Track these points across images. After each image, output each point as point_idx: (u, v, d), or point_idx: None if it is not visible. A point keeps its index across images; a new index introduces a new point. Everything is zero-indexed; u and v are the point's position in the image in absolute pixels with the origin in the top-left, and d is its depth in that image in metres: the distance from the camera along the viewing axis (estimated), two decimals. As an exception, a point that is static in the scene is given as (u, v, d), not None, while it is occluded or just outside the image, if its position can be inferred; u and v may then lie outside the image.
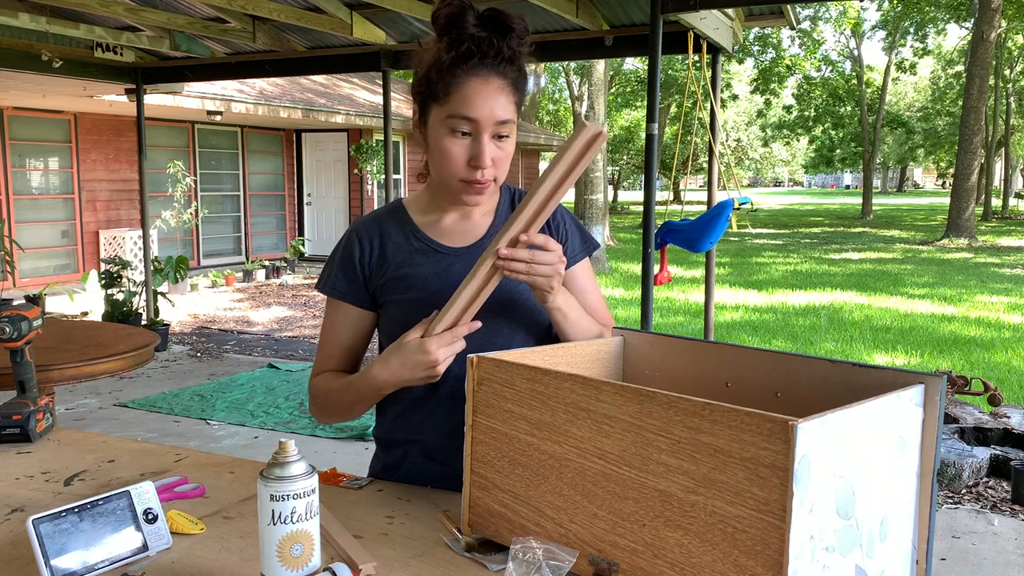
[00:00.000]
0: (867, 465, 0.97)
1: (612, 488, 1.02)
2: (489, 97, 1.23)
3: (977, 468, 3.93)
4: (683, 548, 0.94)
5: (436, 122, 1.27)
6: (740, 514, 0.89)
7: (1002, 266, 13.92)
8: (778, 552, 0.86)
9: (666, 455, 0.97)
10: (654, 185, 4.44)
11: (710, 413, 0.92)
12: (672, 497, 0.96)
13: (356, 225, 1.43)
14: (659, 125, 5.33)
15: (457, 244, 1.38)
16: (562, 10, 4.87)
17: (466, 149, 1.26)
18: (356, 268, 1.40)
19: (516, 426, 1.11)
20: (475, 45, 1.23)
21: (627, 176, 45.69)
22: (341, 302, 1.41)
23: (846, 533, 0.94)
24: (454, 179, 1.29)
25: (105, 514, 1.08)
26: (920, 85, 42.52)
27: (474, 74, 1.23)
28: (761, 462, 0.87)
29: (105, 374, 2.94)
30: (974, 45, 18.79)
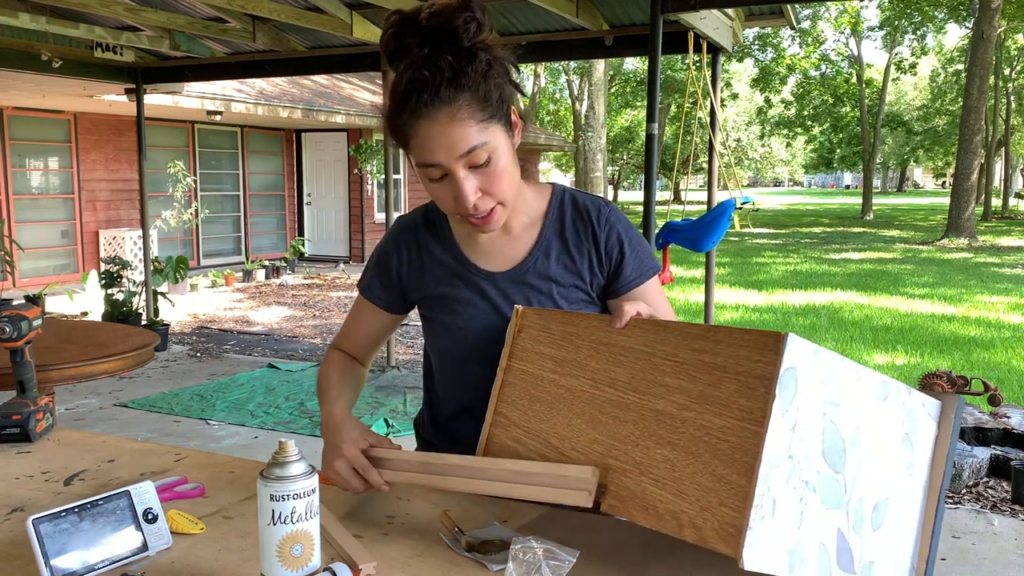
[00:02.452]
0: (864, 433, 1.00)
1: (615, 413, 1.09)
2: (441, 136, 1.12)
3: (977, 468, 3.93)
4: (668, 463, 0.99)
5: (414, 166, 1.20)
6: (725, 425, 0.94)
7: (1002, 266, 13.92)
8: (752, 457, 0.89)
9: (669, 377, 1.05)
10: (654, 185, 4.44)
11: (714, 334, 1.01)
12: (667, 415, 1.02)
13: (395, 232, 1.39)
14: (659, 125, 5.33)
15: (493, 268, 1.32)
16: (562, 10, 4.87)
17: (448, 189, 1.17)
18: (392, 278, 1.38)
19: (543, 366, 1.20)
20: (409, 83, 1.12)
21: (627, 176, 45.69)
22: (367, 302, 1.43)
23: (831, 484, 0.95)
24: (455, 217, 1.24)
25: (105, 514, 1.08)
26: (920, 84, 42.52)
27: (419, 116, 1.12)
28: (752, 374, 0.94)
29: (105, 374, 2.94)
30: (974, 45, 18.79)
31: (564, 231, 1.31)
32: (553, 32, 5.62)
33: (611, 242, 1.30)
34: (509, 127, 1.19)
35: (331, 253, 14.21)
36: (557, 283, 1.30)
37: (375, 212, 14.05)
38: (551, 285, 1.30)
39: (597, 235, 1.30)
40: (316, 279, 12.20)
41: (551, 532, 1.15)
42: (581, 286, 1.31)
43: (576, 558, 1.05)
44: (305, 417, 5.07)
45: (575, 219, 1.31)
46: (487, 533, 1.14)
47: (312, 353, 7.04)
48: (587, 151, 18.23)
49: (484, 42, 1.14)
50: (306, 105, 11.70)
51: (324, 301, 10.07)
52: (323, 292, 10.87)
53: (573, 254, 1.31)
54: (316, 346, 7.38)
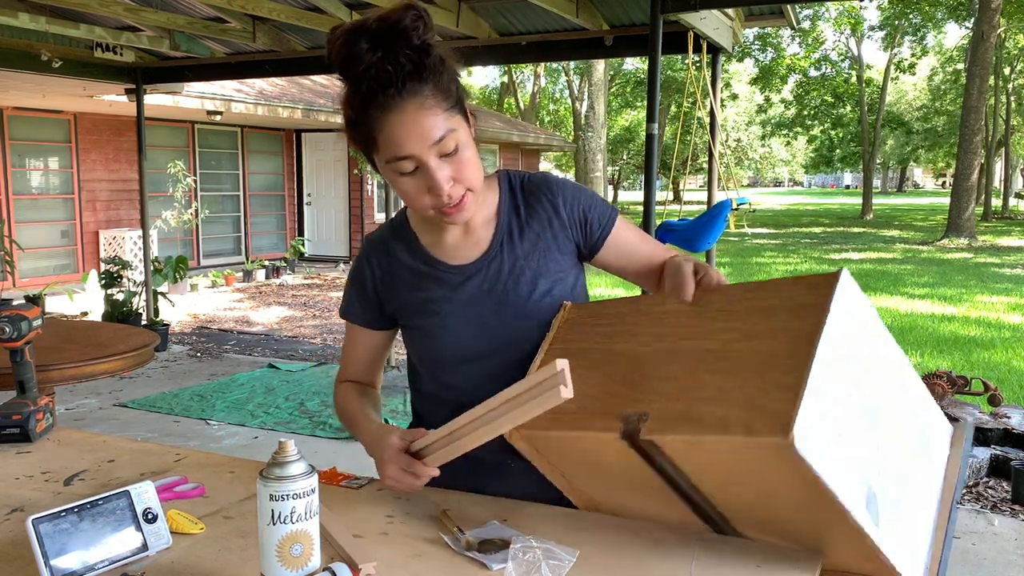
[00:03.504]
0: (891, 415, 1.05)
1: (662, 360, 1.11)
2: (412, 126, 1.15)
3: (977, 468, 3.92)
4: (716, 385, 1.02)
5: (382, 167, 1.21)
6: (776, 348, 0.99)
7: (1002, 266, 13.92)
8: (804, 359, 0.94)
9: (720, 323, 1.09)
10: (654, 185, 4.44)
11: (770, 284, 1.08)
12: (716, 351, 1.06)
13: (365, 248, 1.41)
14: (659, 125, 5.33)
15: (463, 261, 1.33)
16: (562, 10, 4.87)
17: (420, 182, 1.19)
18: (368, 292, 1.39)
19: (589, 340, 1.23)
20: (373, 80, 1.14)
21: (627, 176, 45.68)
22: (356, 325, 1.43)
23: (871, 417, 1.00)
24: (426, 212, 1.24)
25: (105, 514, 1.08)
26: (920, 84, 42.52)
27: (386, 109, 1.14)
28: (804, 304, 1.01)
29: (105, 374, 2.94)
30: (974, 45, 18.78)
31: (519, 210, 1.35)
32: (553, 32, 5.62)
33: (569, 203, 1.35)
34: (467, 118, 1.22)
35: (331, 253, 14.21)
36: (527, 258, 1.33)
37: (375, 212, 14.05)
38: (522, 262, 1.32)
39: (555, 202, 1.34)
40: (316, 279, 12.20)
41: (551, 532, 1.15)
42: (554, 254, 1.34)
43: (576, 558, 1.05)
44: (305, 417, 5.07)
45: (527, 196, 1.36)
46: (487, 533, 1.14)
47: (312, 353, 7.04)
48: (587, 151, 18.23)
49: (432, 38, 1.17)
50: (306, 105, 11.70)
51: (324, 301, 10.07)
52: (323, 292, 10.87)
53: (535, 228, 1.34)
54: (316, 346, 7.38)
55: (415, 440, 1.21)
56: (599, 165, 18.09)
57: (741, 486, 1.02)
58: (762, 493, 1.01)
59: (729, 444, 0.95)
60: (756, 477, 0.99)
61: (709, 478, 1.04)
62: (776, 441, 0.89)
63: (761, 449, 0.92)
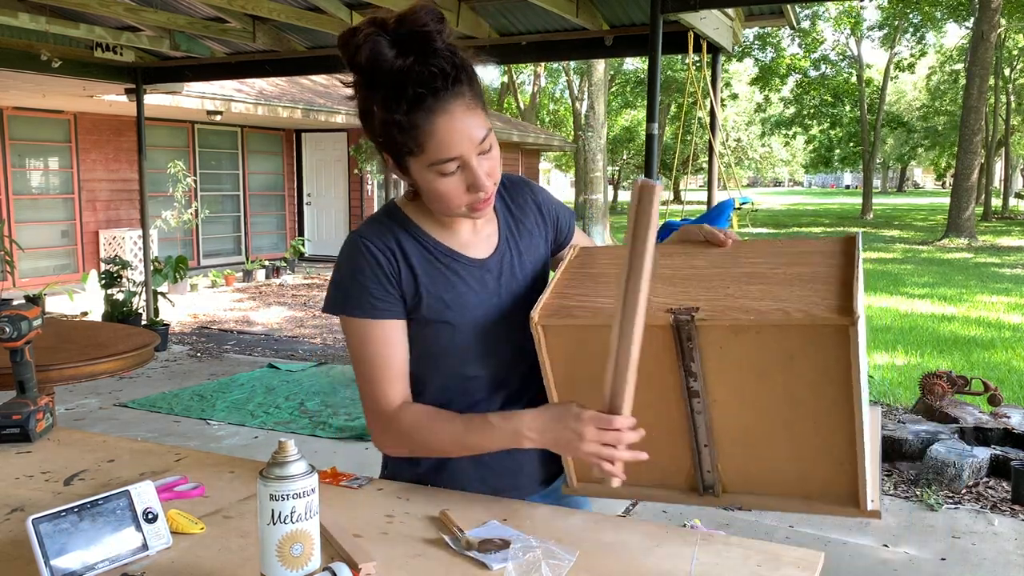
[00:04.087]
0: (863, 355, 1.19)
1: (697, 278, 1.21)
2: (461, 128, 1.16)
3: (977, 468, 3.92)
4: (760, 291, 1.15)
5: (419, 170, 1.20)
6: (816, 272, 1.15)
7: (1002, 266, 13.92)
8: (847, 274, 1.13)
9: (752, 257, 1.23)
10: (654, 185, 4.43)
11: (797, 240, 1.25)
12: (755, 274, 1.18)
13: (366, 238, 1.29)
14: (659, 125, 5.33)
15: (482, 255, 1.33)
16: (562, 10, 4.87)
17: (461, 181, 1.20)
18: (392, 281, 1.27)
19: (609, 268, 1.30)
20: (418, 85, 1.12)
21: (627, 176, 45.67)
22: (386, 321, 1.27)
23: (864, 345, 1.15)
24: (458, 210, 1.24)
25: (105, 514, 1.08)
26: (919, 84, 42.51)
27: (434, 113, 1.14)
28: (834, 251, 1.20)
29: (105, 374, 2.94)
30: (974, 45, 18.78)
31: (511, 209, 1.40)
32: (553, 32, 5.62)
33: (545, 203, 1.44)
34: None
35: (331, 253, 14.21)
36: (527, 251, 1.39)
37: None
38: (525, 255, 1.38)
39: (536, 199, 1.43)
40: (316, 279, 12.20)
41: (551, 532, 1.15)
42: (540, 247, 1.42)
43: (576, 558, 1.05)
44: (305, 417, 5.07)
45: (514, 196, 1.42)
46: (487, 533, 1.14)
47: (312, 353, 7.04)
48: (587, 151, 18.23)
49: (453, 38, 1.17)
50: (306, 105, 11.70)
51: (324, 302, 10.06)
52: (323, 292, 10.84)
53: (526, 224, 1.41)
54: (316, 346, 7.38)
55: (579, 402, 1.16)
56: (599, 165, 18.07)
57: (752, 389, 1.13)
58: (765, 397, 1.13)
59: (786, 326, 1.07)
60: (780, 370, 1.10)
61: (726, 379, 1.13)
62: (842, 320, 1.04)
63: (820, 330, 1.06)
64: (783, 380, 1.11)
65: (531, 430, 1.19)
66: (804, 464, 1.15)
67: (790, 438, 1.14)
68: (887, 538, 3.38)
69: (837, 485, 1.14)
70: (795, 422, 1.13)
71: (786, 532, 3.42)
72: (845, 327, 1.04)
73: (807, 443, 1.13)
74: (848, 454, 1.11)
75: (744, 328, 1.09)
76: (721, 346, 1.11)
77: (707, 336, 1.11)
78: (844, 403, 1.08)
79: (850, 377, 1.06)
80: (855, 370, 1.06)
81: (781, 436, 1.15)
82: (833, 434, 1.11)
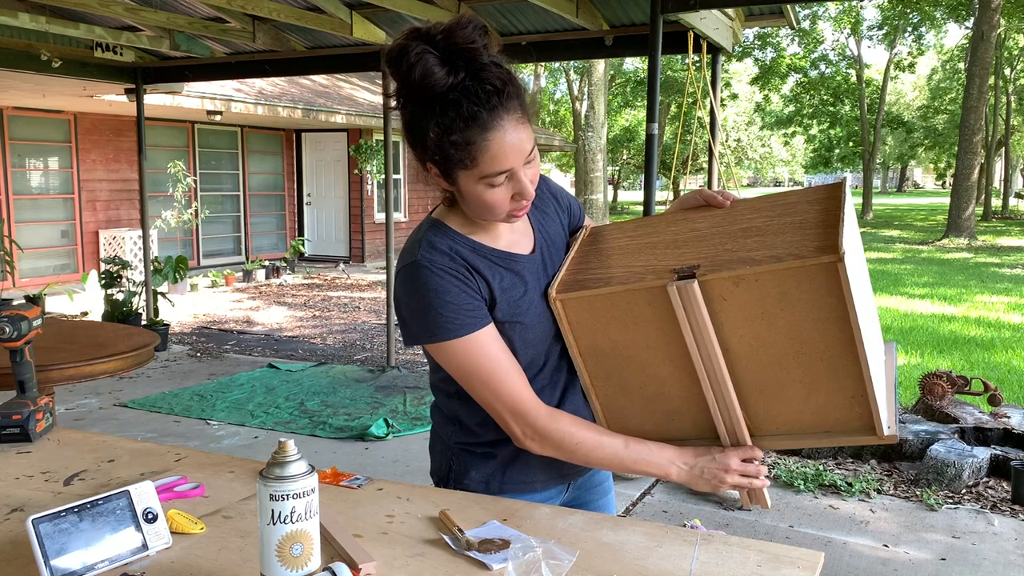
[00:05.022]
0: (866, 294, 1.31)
1: (700, 237, 1.29)
2: (513, 143, 1.19)
3: (977, 468, 3.92)
4: (757, 241, 1.21)
5: (469, 182, 1.22)
6: (806, 220, 1.22)
7: (1002, 266, 13.92)
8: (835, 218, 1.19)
9: (749, 214, 1.30)
10: (654, 185, 4.44)
11: (788, 193, 1.32)
12: (750, 228, 1.25)
13: (432, 260, 1.26)
14: (659, 125, 5.34)
15: (527, 252, 1.37)
16: (562, 10, 4.87)
17: (508, 190, 1.23)
18: (473, 291, 1.26)
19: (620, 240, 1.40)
20: (475, 103, 1.15)
21: (627, 176, 45.66)
22: (486, 328, 1.26)
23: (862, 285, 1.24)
24: (500, 216, 1.27)
25: (105, 514, 1.08)
26: (919, 84, 42.48)
27: (488, 130, 1.17)
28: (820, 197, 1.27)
29: (105, 374, 2.94)
30: (974, 45, 18.77)
31: (537, 202, 1.44)
32: (553, 32, 5.62)
33: (559, 194, 1.51)
34: None
35: (331, 253, 14.21)
36: (556, 238, 1.44)
37: (375, 212, 14.05)
38: (555, 243, 1.44)
39: (554, 192, 1.49)
40: (316, 279, 12.20)
41: (551, 532, 1.15)
42: (561, 233, 1.47)
43: (576, 558, 1.05)
44: (305, 417, 5.07)
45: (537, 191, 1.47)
46: (487, 533, 1.14)
47: (312, 353, 7.04)
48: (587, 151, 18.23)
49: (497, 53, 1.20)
50: (306, 105, 11.70)
51: (324, 301, 10.07)
52: (323, 292, 10.87)
53: (549, 213, 1.46)
54: (316, 346, 7.38)
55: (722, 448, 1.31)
56: (599, 165, 18.08)
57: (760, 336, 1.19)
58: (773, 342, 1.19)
59: (780, 271, 1.14)
60: (782, 314, 1.16)
61: (734, 323, 1.19)
62: (828, 259, 1.10)
63: (810, 271, 1.12)
64: (786, 323, 1.17)
65: (682, 463, 1.31)
66: (820, 399, 1.21)
67: (803, 377, 1.21)
68: (887, 538, 3.38)
69: (853, 416, 1.21)
70: (805, 361, 1.19)
71: (786, 532, 3.43)
72: (833, 263, 1.10)
73: (819, 380, 1.20)
74: (859, 386, 1.18)
75: (743, 278, 1.16)
76: (725, 298, 1.18)
77: (710, 290, 1.18)
78: (846, 338, 1.15)
79: (846, 312, 1.13)
80: (850, 304, 1.12)
81: (795, 376, 1.21)
82: (842, 369, 1.17)
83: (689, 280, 1.18)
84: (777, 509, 3.66)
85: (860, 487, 3.85)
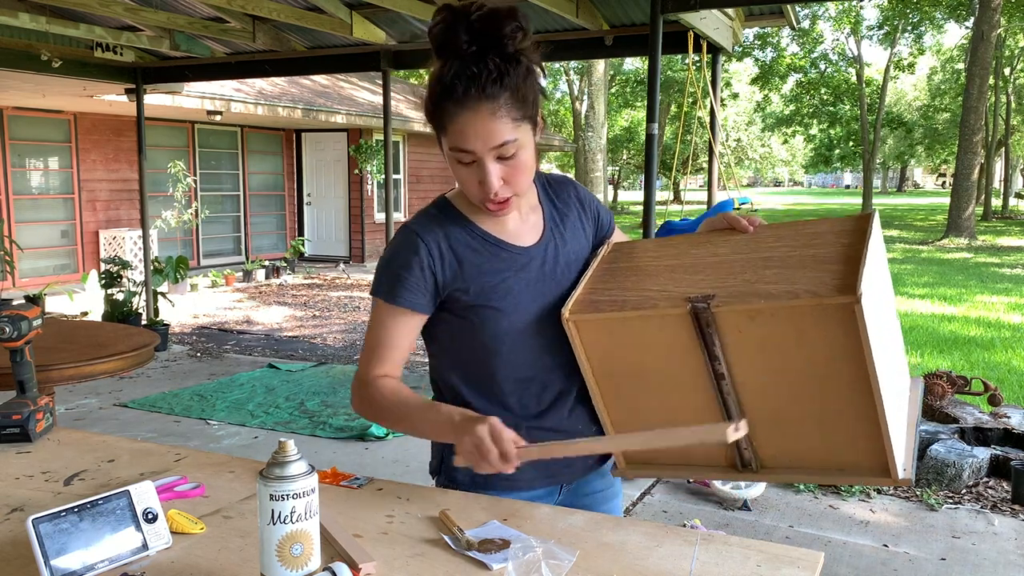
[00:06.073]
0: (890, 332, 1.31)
1: (720, 265, 1.27)
2: (481, 127, 1.23)
3: (977, 468, 3.92)
4: (778, 274, 1.19)
5: (446, 149, 1.29)
6: (828, 254, 1.19)
7: (1002, 266, 13.92)
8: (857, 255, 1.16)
9: (771, 242, 1.28)
10: (654, 185, 4.44)
11: (816, 221, 1.30)
12: (772, 258, 1.24)
13: (416, 228, 1.36)
14: (659, 125, 5.34)
15: (527, 243, 1.40)
16: (562, 10, 4.87)
17: (474, 174, 1.28)
18: (425, 274, 1.34)
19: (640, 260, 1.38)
20: (457, 77, 1.21)
21: (627, 176, 45.68)
22: (406, 310, 1.35)
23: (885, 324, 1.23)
24: (475, 199, 1.32)
25: (105, 514, 1.08)
26: (919, 84, 42.47)
27: (462, 107, 1.22)
28: (847, 230, 1.24)
29: (105, 374, 2.94)
30: (974, 45, 18.77)
31: (556, 203, 1.48)
32: (553, 32, 5.62)
33: (587, 200, 1.52)
34: (535, 127, 1.31)
35: (331, 253, 14.21)
36: (571, 242, 1.46)
37: (375, 212, 14.05)
38: (570, 246, 1.45)
39: (579, 196, 1.51)
40: (316, 279, 12.20)
41: (551, 532, 1.15)
42: (582, 239, 1.48)
43: (576, 558, 1.05)
44: (305, 417, 5.07)
45: (558, 192, 1.50)
46: (487, 533, 1.14)
47: (312, 353, 7.04)
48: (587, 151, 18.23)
49: (526, 49, 1.25)
50: (306, 105, 11.70)
51: (324, 301, 10.07)
52: (323, 292, 10.87)
53: (570, 217, 1.48)
54: (316, 346, 7.38)
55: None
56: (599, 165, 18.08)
57: (775, 370, 1.18)
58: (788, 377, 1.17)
59: (796, 308, 1.11)
60: (798, 350, 1.14)
61: (748, 356, 1.18)
62: (845, 299, 1.08)
63: (827, 310, 1.10)
64: (802, 360, 1.15)
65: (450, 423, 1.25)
66: (834, 438, 1.19)
67: (818, 415, 1.18)
68: (887, 538, 3.38)
69: (868, 457, 1.19)
70: (820, 399, 1.17)
71: (786, 532, 3.43)
72: (850, 304, 1.07)
73: (834, 419, 1.18)
74: (874, 428, 1.15)
75: (759, 312, 1.14)
76: (740, 330, 1.16)
77: (724, 321, 1.17)
78: (863, 379, 1.12)
79: (863, 353, 1.10)
80: (866, 346, 1.09)
81: (809, 413, 1.19)
82: (858, 409, 1.15)
83: (703, 310, 1.17)
84: (777, 509, 3.66)
85: (860, 487, 3.85)
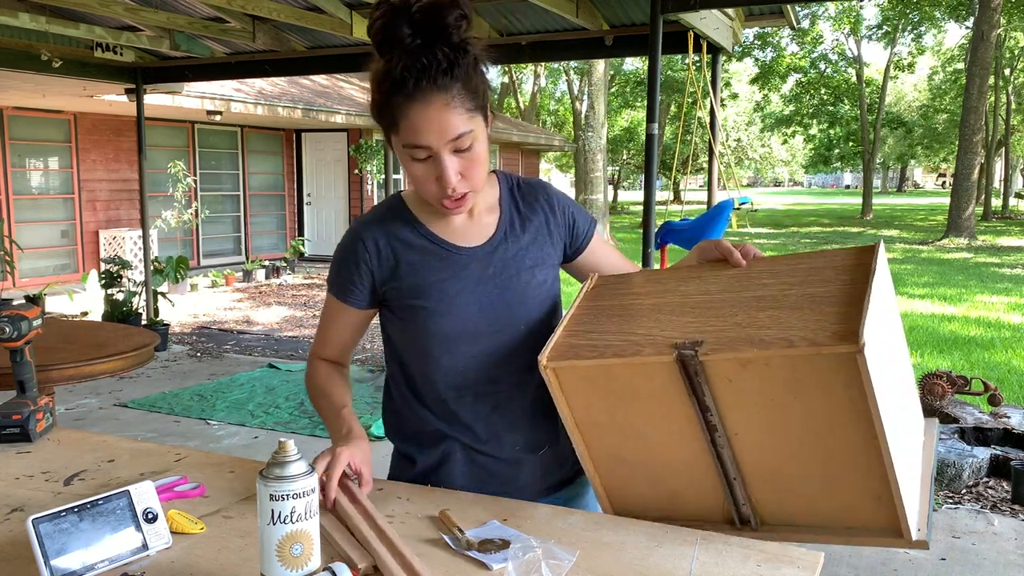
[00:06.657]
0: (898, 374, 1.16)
1: (710, 307, 1.17)
2: (433, 120, 1.20)
3: (977, 468, 3.92)
4: (772, 319, 1.09)
5: (397, 148, 1.26)
6: (829, 292, 1.10)
7: (1002, 266, 13.92)
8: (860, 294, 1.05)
9: (766, 278, 1.18)
10: (654, 185, 4.44)
11: (815, 254, 1.20)
12: (766, 297, 1.14)
13: (359, 226, 1.39)
14: (659, 125, 5.34)
15: (470, 244, 1.37)
16: (562, 10, 4.87)
17: (431, 170, 1.25)
18: (363, 270, 1.37)
19: (623, 299, 1.28)
20: (407, 70, 1.18)
21: (627, 176, 45.71)
22: (344, 305, 1.41)
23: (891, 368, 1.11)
24: (430, 198, 1.29)
25: (105, 514, 1.08)
26: (919, 85, 42.48)
27: (413, 100, 1.19)
28: (849, 265, 1.14)
29: (105, 374, 2.94)
30: (974, 45, 18.77)
31: (520, 207, 1.43)
32: (553, 32, 5.62)
33: (561, 206, 1.45)
34: (487, 119, 1.27)
35: (331, 253, 14.15)
36: (528, 248, 1.40)
37: (375, 212, 14.05)
38: (524, 251, 1.39)
39: (551, 202, 1.45)
40: (316, 279, 12.20)
41: (551, 532, 1.15)
42: (547, 247, 1.43)
43: (576, 558, 1.05)
44: (305, 417, 5.07)
45: (526, 195, 1.45)
46: (487, 533, 1.14)
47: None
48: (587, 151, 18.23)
49: (471, 38, 1.22)
50: (306, 105, 11.70)
51: (325, 299, 10.06)
52: (323, 292, 10.84)
53: (534, 222, 1.42)
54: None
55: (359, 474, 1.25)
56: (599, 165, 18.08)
57: (771, 422, 1.07)
58: (786, 431, 1.07)
59: (792, 358, 1.01)
60: (795, 402, 1.04)
61: (741, 407, 1.08)
62: (846, 349, 0.97)
63: (826, 359, 0.99)
64: (800, 412, 1.05)
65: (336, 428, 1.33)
66: (841, 497, 1.09)
67: (821, 471, 1.08)
68: (887, 538, 3.38)
69: (878, 517, 1.08)
70: (823, 455, 1.07)
71: (786, 532, 3.42)
72: (852, 354, 0.96)
73: (839, 476, 1.07)
74: (883, 486, 1.05)
75: (751, 360, 1.04)
76: (730, 379, 1.06)
77: (714, 370, 1.07)
78: (868, 433, 1.01)
79: (867, 405, 0.99)
80: (871, 398, 0.98)
81: (811, 469, 1.09)
82: (864, 466, 1.04)
83: (690, 358, 1.06)
84: (777, 509, 3.66)
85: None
